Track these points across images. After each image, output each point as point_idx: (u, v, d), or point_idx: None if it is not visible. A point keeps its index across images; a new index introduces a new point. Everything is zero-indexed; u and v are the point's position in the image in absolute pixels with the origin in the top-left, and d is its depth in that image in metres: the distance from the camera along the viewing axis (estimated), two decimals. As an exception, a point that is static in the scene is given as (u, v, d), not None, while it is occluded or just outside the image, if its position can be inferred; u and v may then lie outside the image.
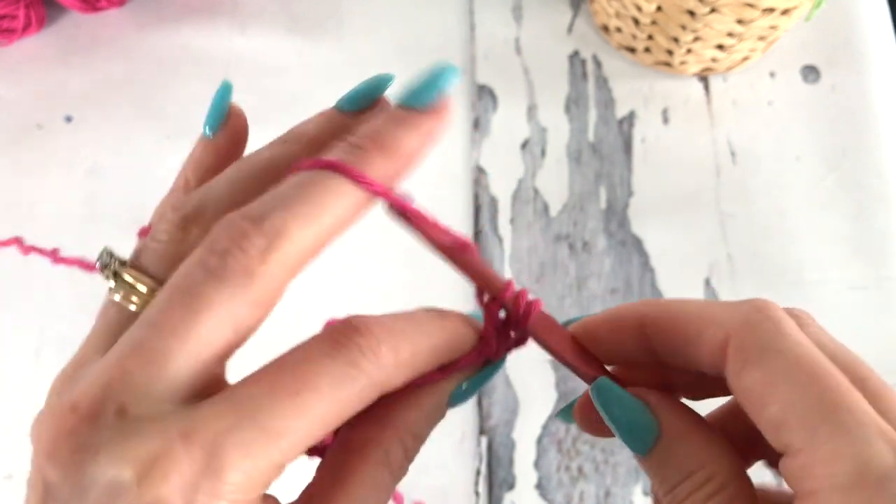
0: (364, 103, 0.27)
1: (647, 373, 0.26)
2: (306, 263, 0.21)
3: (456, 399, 0.24)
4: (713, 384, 0.24)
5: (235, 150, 0.28)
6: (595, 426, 0.26)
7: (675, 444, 0.22)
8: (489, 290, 0.25)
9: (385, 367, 0.20)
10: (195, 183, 0.26)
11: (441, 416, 0.24)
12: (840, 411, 0.18)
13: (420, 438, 0.23)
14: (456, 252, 0.25)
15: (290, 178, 0.22)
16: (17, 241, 0.59)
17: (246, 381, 0.19)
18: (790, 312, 0.23)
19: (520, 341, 0.26)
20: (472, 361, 0.24)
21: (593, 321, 0.25)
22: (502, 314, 0.25)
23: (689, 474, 0.21)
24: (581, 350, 0.25)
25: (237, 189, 0.24)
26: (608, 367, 0.26)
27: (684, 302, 0.24)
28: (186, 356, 0.18)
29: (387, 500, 0.22)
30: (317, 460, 0.23)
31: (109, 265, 0.22)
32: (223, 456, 0.17)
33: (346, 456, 0.22)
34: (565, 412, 0.27)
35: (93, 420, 0.18)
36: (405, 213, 0.24)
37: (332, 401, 0.19)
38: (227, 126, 0.28)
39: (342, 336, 0.20)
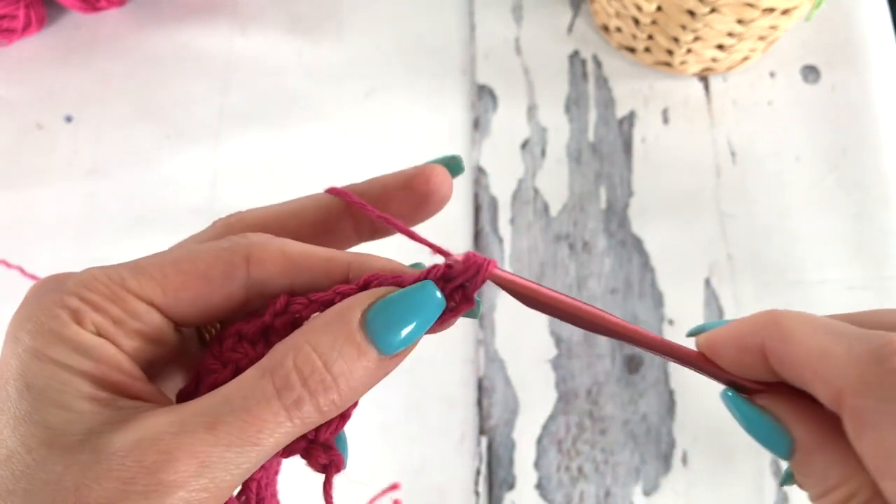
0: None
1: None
2: None
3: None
4: None
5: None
6: None
7: (811, 457, 0.22)
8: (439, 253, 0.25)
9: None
10: None
11: (350, 333, 0.22)
12: None
13: (318, 347, 0.22)
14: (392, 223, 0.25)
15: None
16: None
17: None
18: None
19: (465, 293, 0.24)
20: (392, 282, 0.24)
21: (719, 338, 0.25)
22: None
23: (831, 488, 0.21)
24: (702, 363, 0.25)
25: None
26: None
27: (807, 333, 0.23)
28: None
29: (266, 403, 0.21)
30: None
31: None
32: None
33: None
34: (787, 479, 0.26)
35: None
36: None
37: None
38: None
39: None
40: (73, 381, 0.21)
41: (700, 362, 0.25)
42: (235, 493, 0.24)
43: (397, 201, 0.27)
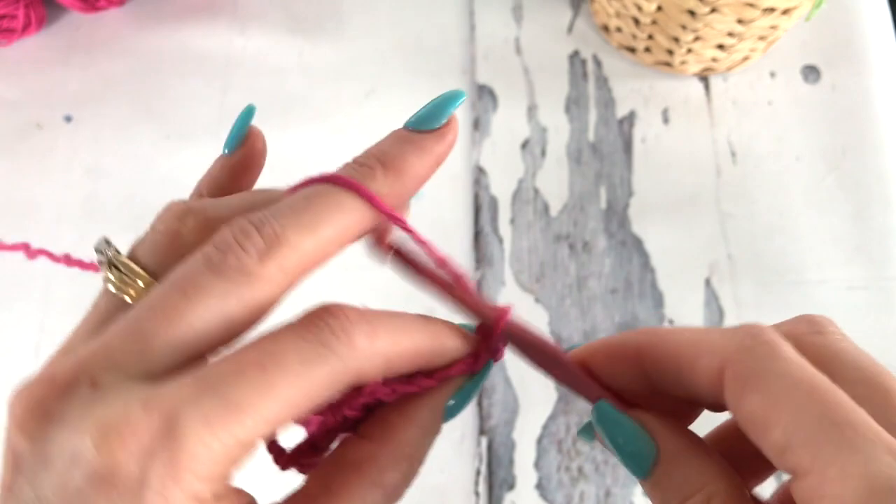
0: (434, 122, 0.26)
1: (647, 398, 0.26)
2: (305, 273, 0.21)
3: (447, 413, 0.24)
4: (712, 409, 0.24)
5: (251, 171, 0.29)
6: None
7: (672, 467, 0.22)
8: (484, 319, 0.25)
9: (358, 352, 0.19)
10: (208, 198, 0.27)
11: (436, 431, 0.24)
12: (843, 429, 0.18)
13: (417, 459, 0.23)
14: (449, 288, 0.25)
15: (297, 191, 0.22)
16: (25, 247, 0.59)
17: (215, 361, 0.19)
18: (809, 319, 0.22)
19: (495, 353, 0.25)
20: (464, 370, 0.24)
21: (591, 348, 0.25)
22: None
23: (687, 497, 0.21)
24: (582, 372, 0.25)
25: (247, 203, 0.24)
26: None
27: (679, 331, 0.23)
28: (170, 339, 0.19)
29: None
30: (297, 475, 0.23)
31: (104, 253, 0.22)
32: (182, 424, 0.17)
33: (339, 470, 0.21)
34: (584, 431, 0.27)
35: (65, 391, 0.18)
36: (404, 233, 0.24)
37: (300, 380, 0.18)
38: (245, 146, 0.29)
39: (315, 318, 0.19)
40: None
41: (577, 370, 0.25)
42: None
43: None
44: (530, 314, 0.56)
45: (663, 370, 0.23)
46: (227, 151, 0.29)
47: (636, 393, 0.25)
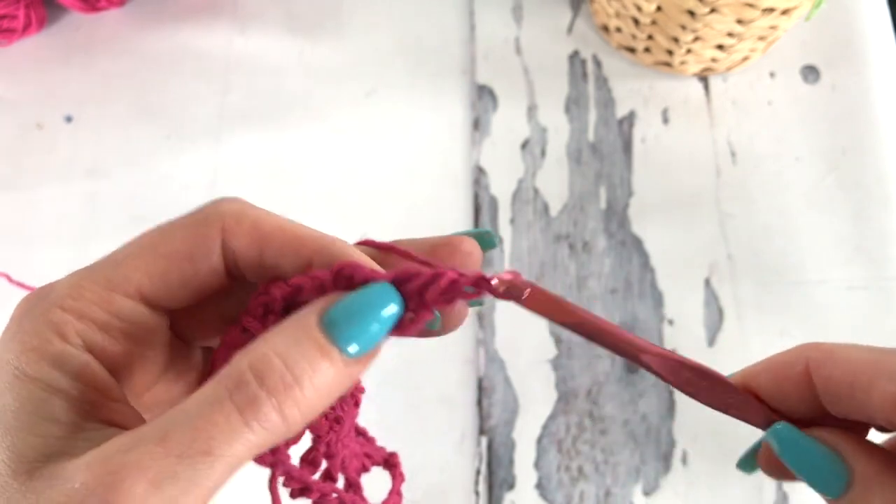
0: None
1: (813, 420, 0.25)
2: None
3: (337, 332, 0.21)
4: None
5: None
6: (784, 471, 0.25)
7: (870, 491, 0.22)
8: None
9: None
10: None
11: (308, 333, 0.21)
12: None
13: (276, 347, 0.20)
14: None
15: None
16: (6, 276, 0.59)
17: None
18: None
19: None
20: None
21: (754, 371, 0.25)
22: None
23: None
24: (750, 396, 0.24)
25: None
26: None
27: (853, 348, 0.23)
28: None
29: (219, 407, 0.19)
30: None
31: None
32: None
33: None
34: (745, 462, 0.26)
35: None
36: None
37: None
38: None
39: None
40: (49, 401, 0.20)
41: (741, 394, 0.24)
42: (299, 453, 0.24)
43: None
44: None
45: (836, 389, 0.23)
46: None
47: (804, 415, 0.24)
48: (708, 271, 0.57)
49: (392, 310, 0.22)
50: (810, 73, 0.63)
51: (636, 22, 0.59)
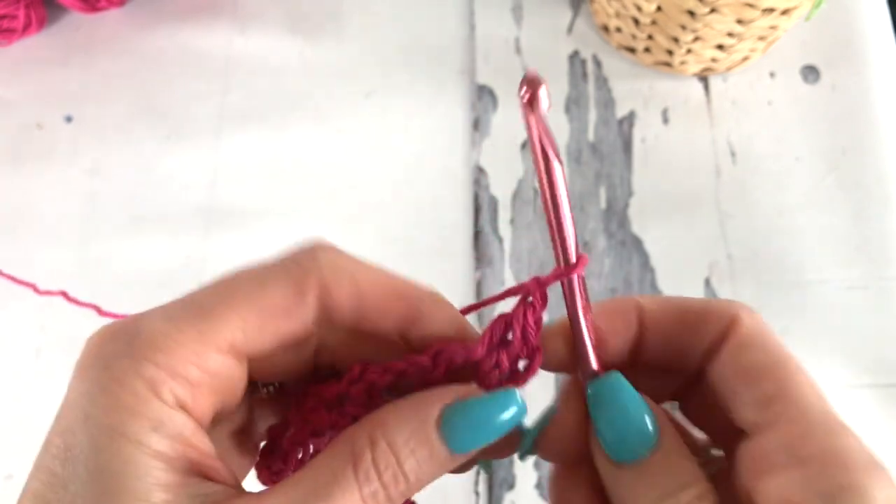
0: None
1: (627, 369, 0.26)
2: None
3: (455, 441, 0.22)
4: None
5: None
6: (562, 448, 0.26)
7: (673, 455, 0.22)
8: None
9: (320, 262, 0.22)
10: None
11: (426, 433, 0.22)
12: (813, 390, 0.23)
13: (393, 445, 0.22)
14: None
15: None
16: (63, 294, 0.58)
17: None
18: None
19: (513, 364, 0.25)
20: (463, 357, 0.24)
21: (593, 309, 0.25)
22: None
23: (684, 486, 0.22)
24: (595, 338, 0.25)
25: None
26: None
27: (680, 297, 0.25)
28: None
29: (349, 494, 0.21)
30: None
31: None
32: None
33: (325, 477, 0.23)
34: (524, 447, 0.26)
35: None
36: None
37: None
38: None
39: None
40: (151, 464, 0.20)
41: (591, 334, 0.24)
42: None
43: None
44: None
45: (667, 329, 0.24)
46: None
47: (622, 362, 0.25)
48: (708, 271, 0.57)
49: (511, 414, 0.23)
50: (810, 73, 0.63)
51: (636, 22, 0.59)
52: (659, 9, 0.56)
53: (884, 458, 0.22)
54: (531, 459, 0.53)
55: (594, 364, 0.24)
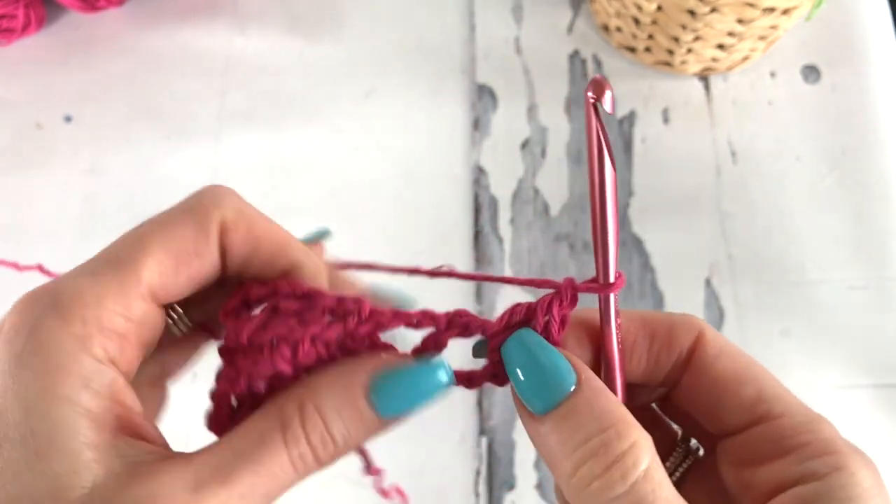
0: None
1: None
2: None
3: (381, 404, 0.23)
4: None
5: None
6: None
7: (594, 397, 0.22)
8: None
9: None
10: None
11: (353, 398, 0.23)
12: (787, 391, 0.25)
13: (321, 409, 0.22)
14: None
15: None
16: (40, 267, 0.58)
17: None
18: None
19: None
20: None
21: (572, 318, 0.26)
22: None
23: (608, 427, 0.21)
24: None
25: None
26: None
27: (641, 311, 0.27)
28: None
29: (276, 456, 0.21)
30: None
31: None
32: None
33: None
34: (480, 347, 0.27)
35: None
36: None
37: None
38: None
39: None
40: (81, 423, 0.20)
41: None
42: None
43: None
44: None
45: (635, 340, 0.25)
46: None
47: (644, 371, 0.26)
48: (708, 271, 0.57)
49: (439, 383, 0.24)
50: (811, 72, 0.63)
51: (637, 21, 0.59)
52: (659, 8, 0.56)
53: (883, 457, 0.23)
54: (531, 459, 0.53)
55: (619, 377, 0.25)
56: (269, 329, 0.23)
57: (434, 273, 0.27)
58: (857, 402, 0.53)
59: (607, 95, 0.21)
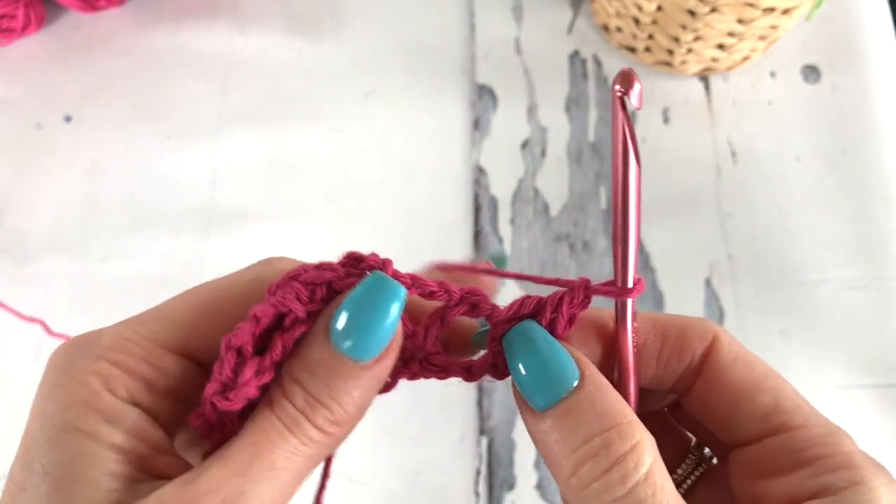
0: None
1: None
2: None
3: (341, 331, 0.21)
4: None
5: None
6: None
7: (598, 394, 0.22)
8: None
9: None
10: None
11: (316, 349, 0.22)
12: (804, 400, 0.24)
13: (292, 373, 0.21)
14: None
15: None
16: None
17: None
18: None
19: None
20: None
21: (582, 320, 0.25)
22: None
23: (611, 426, 0.21)
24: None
25: None
26: None
27: (654, 313, 0.26)
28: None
29: (269, 428, 0.21)
30: None
31: None
32: None
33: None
34: (480, 339, 0.26)
35: None
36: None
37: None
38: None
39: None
40: (102, 454, 0.20)
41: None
42: None
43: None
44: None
45: (648, 343, 0.25)
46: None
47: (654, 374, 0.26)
48: (708, 271, 0.57)
49: (391, 297, 0.21)
50: (811, 72, 0.63)
51: (637, 21, 0.59)
52: (659, 8, 0.56)
53: (883, 457, 0.23)
54: (531, 459, 0.53)
55: (633, 383, 0.25)
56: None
57: (469, 269, 0.27)
58: (857, 402, 0.53)
59: (636, 89, 0.20)
